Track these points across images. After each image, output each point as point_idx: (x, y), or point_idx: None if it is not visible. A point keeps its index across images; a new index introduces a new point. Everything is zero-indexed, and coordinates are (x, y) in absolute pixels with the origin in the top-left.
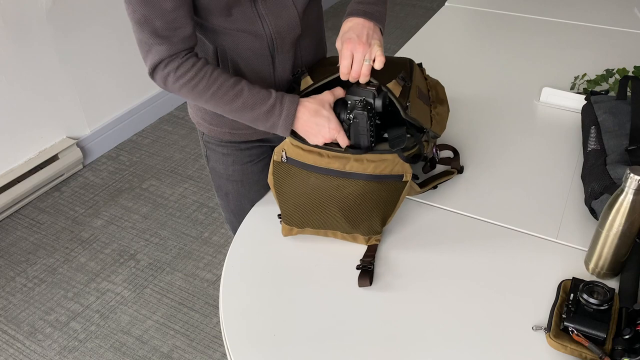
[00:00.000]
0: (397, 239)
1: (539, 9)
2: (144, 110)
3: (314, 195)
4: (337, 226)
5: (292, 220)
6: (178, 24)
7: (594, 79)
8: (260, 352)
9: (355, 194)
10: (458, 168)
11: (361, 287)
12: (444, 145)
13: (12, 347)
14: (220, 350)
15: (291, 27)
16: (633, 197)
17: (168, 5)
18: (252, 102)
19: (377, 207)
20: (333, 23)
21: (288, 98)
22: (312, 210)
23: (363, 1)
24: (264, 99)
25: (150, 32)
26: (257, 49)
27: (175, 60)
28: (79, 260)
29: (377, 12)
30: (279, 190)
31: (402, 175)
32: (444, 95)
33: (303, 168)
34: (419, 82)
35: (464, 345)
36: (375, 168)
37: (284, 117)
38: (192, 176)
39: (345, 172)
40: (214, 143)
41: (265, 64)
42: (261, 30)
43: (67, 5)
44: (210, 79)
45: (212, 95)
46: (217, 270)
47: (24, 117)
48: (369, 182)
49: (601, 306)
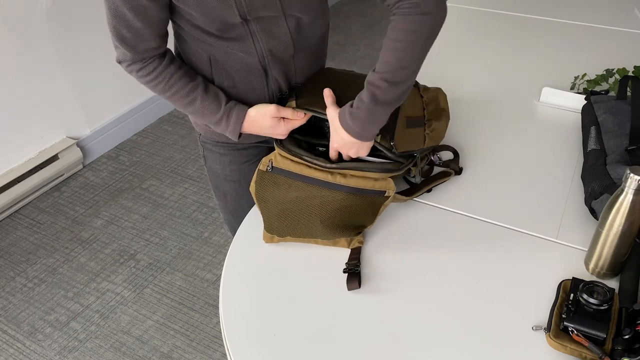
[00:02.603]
0: (395, 239)
1: (539, 9)
2: (144, 110)
3: (296, 204)
4: (317, 235)
5: (273, 229)
6: (145, 38)
7: (594, 79)
8: (260, 352)
9: (335, 205)
10: (456, 169)
11: (350, 290)
12: (443, 146)
13: (12, 347)
14: (220, 350)
15: (284, 46)
16: (633, 197)
17: (137, 25)
18: (202, 112)
19: (356, 216)
20: (333, 23)
21: (235, 112)
22: (293, 219)
23: (358, 109)
24: (213, 111)
25: (117, 37)
26: (249, 63)
27: (138, 62)
28: (79, 260)
29: (371, 129)
30: (260, 198)
31: (384, 192)
32: (445, 103)
33: (287, 176)
34: (409, 109)
35: (464, 345)
36: (358, 183)
37: (230, 129)
38: (192, 176)
39: (328, 183)
40: (210, 143)
41: (258, 77)
42: (252, 48)
43: (67, 5)
44: (167, 84)
45: (168, 97)
46: (217, 270)
47: (24, 117)
48: (350, 195)
49: (601, 306)
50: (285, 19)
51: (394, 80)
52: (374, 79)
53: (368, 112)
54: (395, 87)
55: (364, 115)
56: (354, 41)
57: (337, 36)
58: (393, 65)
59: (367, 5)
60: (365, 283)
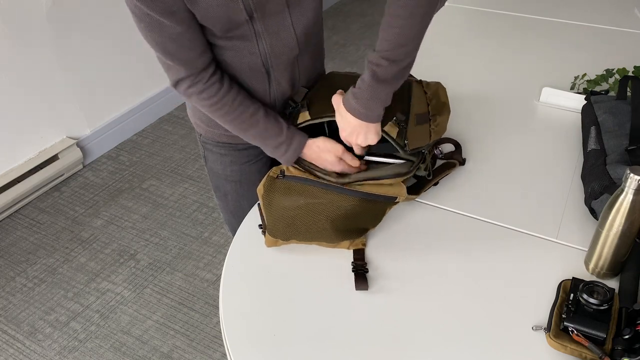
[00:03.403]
0: (396, 239)
1: (539, 9)
2: (144, 110)
3: (305, 210)
4: (322, 238)
5: (277, 233)
6: (191, 45)
7: (594, 79)
8: (260, 352)
9: (344, 209)
10: (460, 160)
11: (359, 290)
12: (445, 139)
13: (12, 347)
14: (220, 350)
15: (289, 48)
16: (633, 197)
17: (176, 30)
18: (263, 136)
19: (363, 221)
20: (333, 23)
21: (297, 139)
22: (299, 223)
23: (360, 89)
24: (276, 135)
25: (164, 53)
26: (252, 64)
27: (199, 83)
28: (79, 260)
29: (375, 108)
30: (267, 203)
31: (396, 197)
32: (445, 97)
33: (299, 181)
34: (417, 106)
35: (464, 345)
36: (371, 189)
37: (287, 155)
38: (192, 176)
39: (343, 188)
40: (211, 144)
41: (261, 80)
42: (256, 48)
43: (67, 5)
44: (231, 107)
45: (229, 121)
46: (217, 270)
47: (24, 117)
48: (362, 201)
49: (601, 306)
50: (290, 16)
51: (393, 58)
52: (374, 58)
53: (370, 91)
54: (396, 64)
55: (367, 94)
56: (354, 41)
57: (337, 36)
58: (392, 43)
59: (367, 5)
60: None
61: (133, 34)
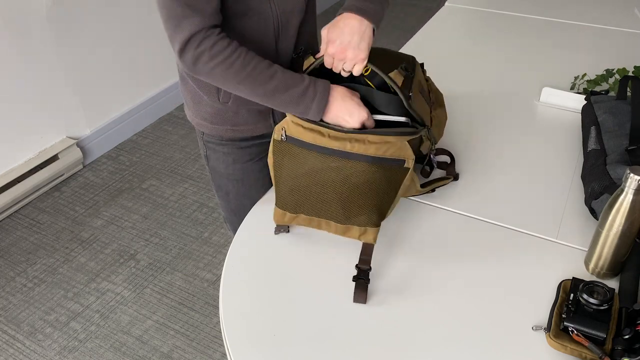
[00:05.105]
0: (395, 239)
1: (539, 9)
2: (144, 110)
3: (312, 177)
4: (331, 215)
5: (286, 204)
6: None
7: (594, 79)
8: (260, 352)
9: (354, 178)
10: (454, 174)
11: (356, 302)
12: (440, 149)
13: (12, 347)
14: (220, 350)
15: (297, 10)
16: (633, 197)
17: None
18: (285, 84)
19: (375, 195)
20: None
21: (321, 82)
22: (308, 193)
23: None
24: (298, 81)
25: (182, 1)
26: (262, 29)
27: (210, 37)
28: (79, 260)
29: (374, 10)
30: (277, 167)
31: (404, 161)
32: (442, 102)
33: (303, 147)
34: (421, 79)
35: (464, 345)
36: (377, 150)
37: (317, 100)
38: (192, 176)
39: (346, 152)
40: (214, 142)
41: (269, 47)
42: (269, 10)
43: (67, 5)
44: (245, 59)
45: (247, 75)
46: (217, 270)
47: (24, 117)
48: (369, 165)
49: (601, 306)
50: None
51: None
52: None
53: None
54: None
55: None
56: None
57: None
58: None
59: None
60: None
61: (133, 34)
